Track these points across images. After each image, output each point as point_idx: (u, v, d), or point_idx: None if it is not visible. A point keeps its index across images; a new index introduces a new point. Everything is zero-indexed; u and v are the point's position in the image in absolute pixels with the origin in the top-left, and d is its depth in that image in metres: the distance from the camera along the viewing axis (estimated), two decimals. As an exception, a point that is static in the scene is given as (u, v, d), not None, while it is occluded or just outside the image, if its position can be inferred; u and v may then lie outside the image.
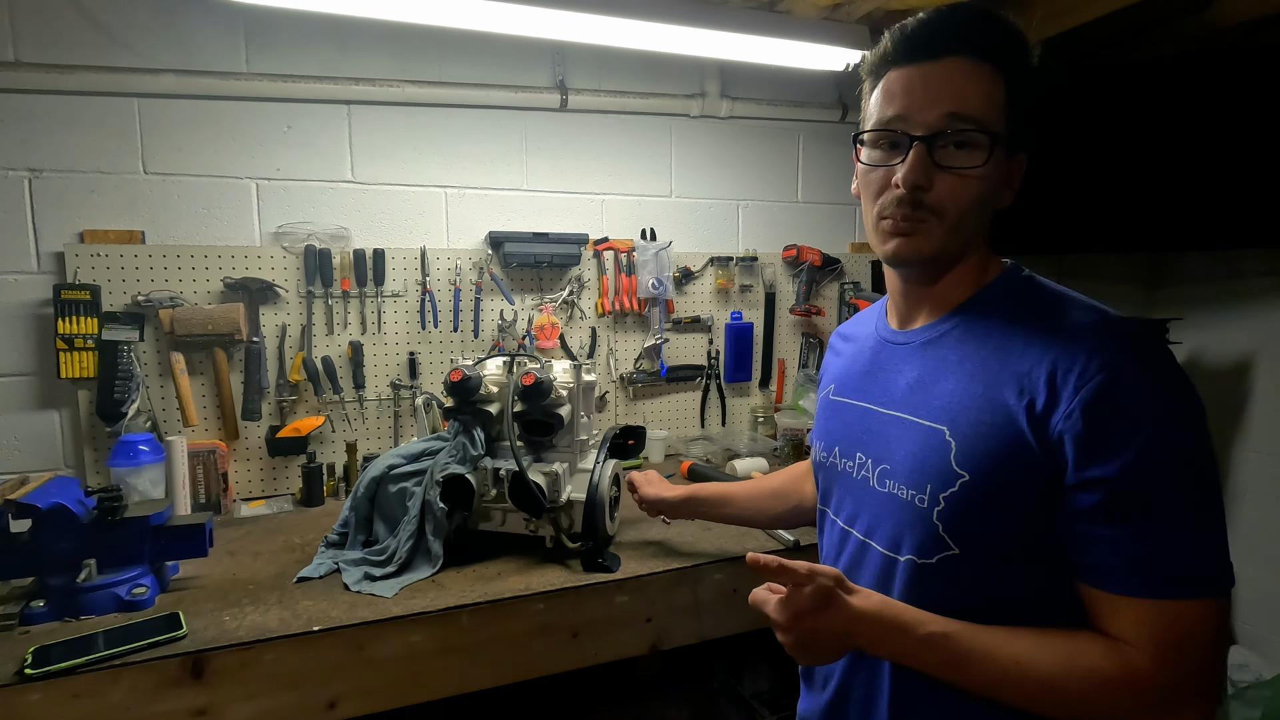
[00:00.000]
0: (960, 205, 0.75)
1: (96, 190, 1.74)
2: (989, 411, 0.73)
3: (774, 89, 2.37)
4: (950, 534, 0.74)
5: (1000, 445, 0.71)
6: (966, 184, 0.75)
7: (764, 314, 2.47)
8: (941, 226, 0.76)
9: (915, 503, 0.77)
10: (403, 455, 1.56)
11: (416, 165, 2.03)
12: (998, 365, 0.74)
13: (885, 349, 0.90)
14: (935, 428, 0.77)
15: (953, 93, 0.73)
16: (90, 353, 1.68)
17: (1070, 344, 0.70)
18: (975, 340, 0.78)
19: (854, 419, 0.90)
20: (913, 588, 0.78)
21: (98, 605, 1.22)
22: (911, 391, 0.82)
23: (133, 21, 1.73)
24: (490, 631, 1.29)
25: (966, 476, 0.73)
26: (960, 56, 0.73)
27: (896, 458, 0.81)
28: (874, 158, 0.80)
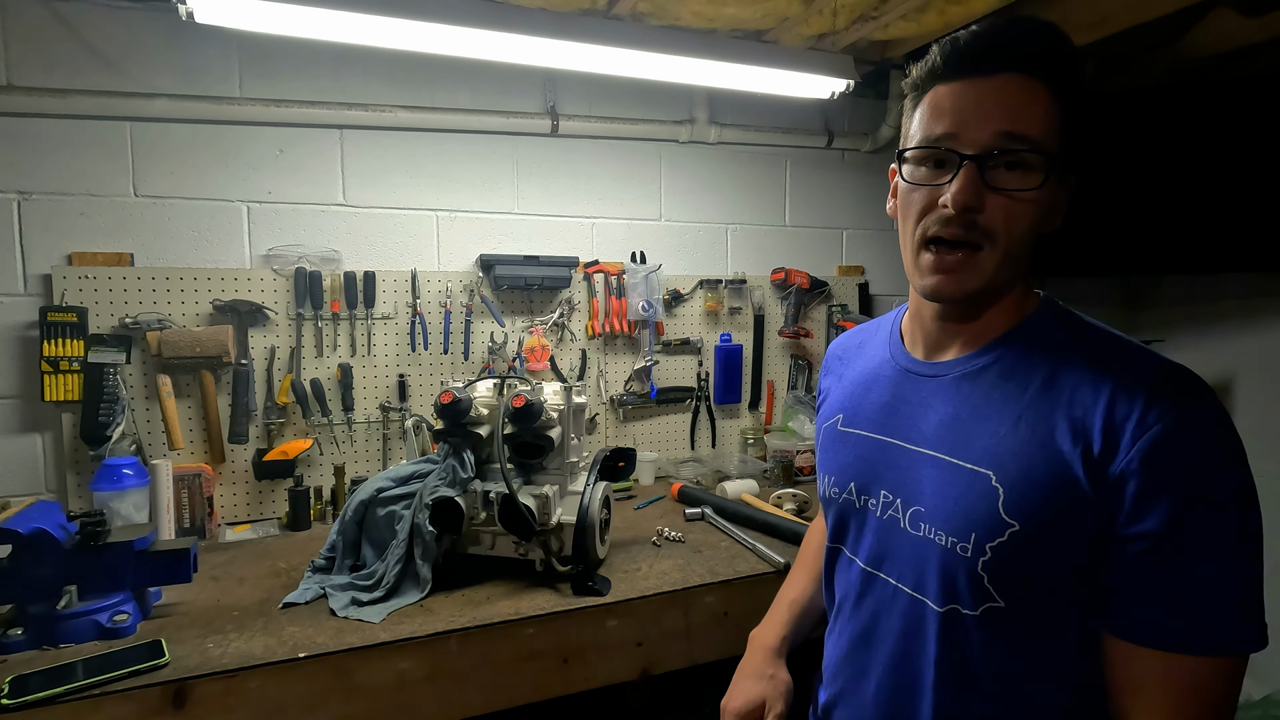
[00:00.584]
0: (1013, 230, 0.70)
1: (86, 213, 1.74)
2: (1041, 458, 0.68)
3: (761, 116, 2.42)
4: (995, 585, 0.70)
5: (1055, 494, 0.67)
6: (1020, 207, 0.70)
7: (753, 336, 2.49)
8: (994, 255, 0.71)
9: (957, 550, 0.72)
10: (391, 478, 1.54)
11: (408, 189, 2.05)
12: (1047, 407, 0.70)
13: (909, 380, 0.84)
14: (980, 471, 0.72)
15: (1008, 110, 0.68)
16: (75, 375, 1.66)
17: (1126, 388, 0.66)
18: (1019, 378, 0.73)
19: (871, 453, 0.85)
20: (951, 637, 0.74)
21: (78, 633, 1.19)
22: (947, 429, 0.77)
23: (127, 46, 1.74)
24: (479, 657, 1.27)
25: (1017, 526, 0.68)
26: (1016, 73, 0.69)
27: (932, 500, 0.76)
28: (918, 176, 0.74)
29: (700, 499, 1.96)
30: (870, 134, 2.55)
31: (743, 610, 1.50)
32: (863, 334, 1.00)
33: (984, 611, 0.71)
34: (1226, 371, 2.16)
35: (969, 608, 0.72)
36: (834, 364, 1.02)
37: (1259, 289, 2.09)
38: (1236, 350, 2.14)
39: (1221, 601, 0.63)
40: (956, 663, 0.74)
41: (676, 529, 1.77)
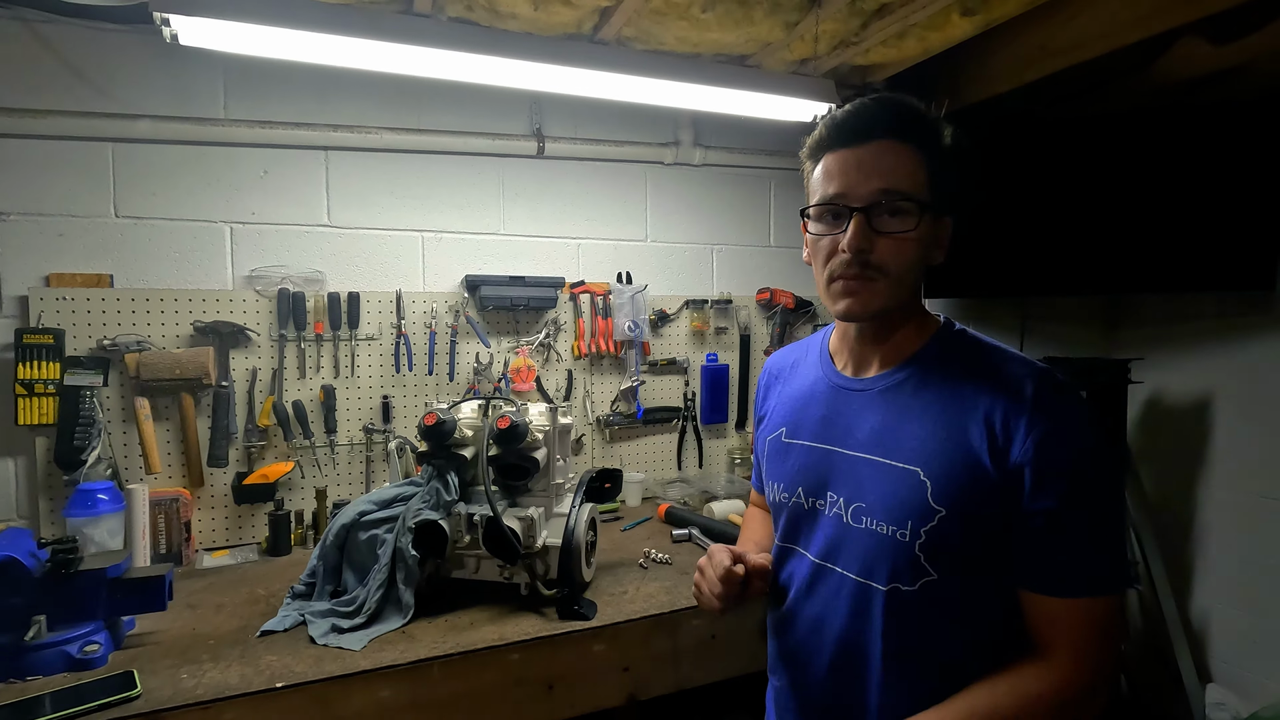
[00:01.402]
0: (900, 263, 0.87)
1: (66, 234, 1.72)
2: (957, 453, 0.83)
3: (746, 138, 2.45)
4: (929, 562, 0.84)
5: (970, 481, 0.82)
6: (903, 245, 0.86)
7: (739, 356, 2.49)
8: (887, 282, 0.87)
9: (897, 537, 0.86)
10: (374, 501, 1.52)
11: (394, 210, 2.04)
12: (957, 412, 0.85)
13: (841, 395, 0.97)
14: (910, 469, 0.86)
15: (883, 169, 0.85)
16: (51, 398, 1.63)
17: (1016, 392, 0.83)
18: (932, 389, 0.89)
19: (816, 461, 0.96)
20: (894, 614, 0.86)
21: (46, 665, 1.16)
22: (879, 435, 0.90)
23: (111, 68, 1.74)
24: (462, 684, 1.25)
25: (944, 511, 0.83)
26: (886, 139, 0.86)
27: (872, 497, 0.89)
28: (820, 228, 0.91)
29: (687, 520, 1.95)
30: (853, 156, 2.58)
31: (731, 633, 1.48)
32: (794, 354, 1.12)
33: (921, 586, 0.85)
34: (1205, 391, 2.19)
35: (909, 584, 0.85)
36: (773, 382, 1.13)
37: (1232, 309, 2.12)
38: (1213, 370, 2.17)
39: (1104, 556, 0.81)
40: (897, 633, 0.87)
41: (664, 550, 1.76)
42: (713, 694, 1.72)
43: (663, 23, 1.72)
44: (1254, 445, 2.08)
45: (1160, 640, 2.20)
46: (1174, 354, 2.27)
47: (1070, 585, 0.81)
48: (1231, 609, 2.14)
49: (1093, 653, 0.80)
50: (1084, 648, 0.80)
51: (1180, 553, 2.25)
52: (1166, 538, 2.24)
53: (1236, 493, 2.12)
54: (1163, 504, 2.28)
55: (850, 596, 0.90)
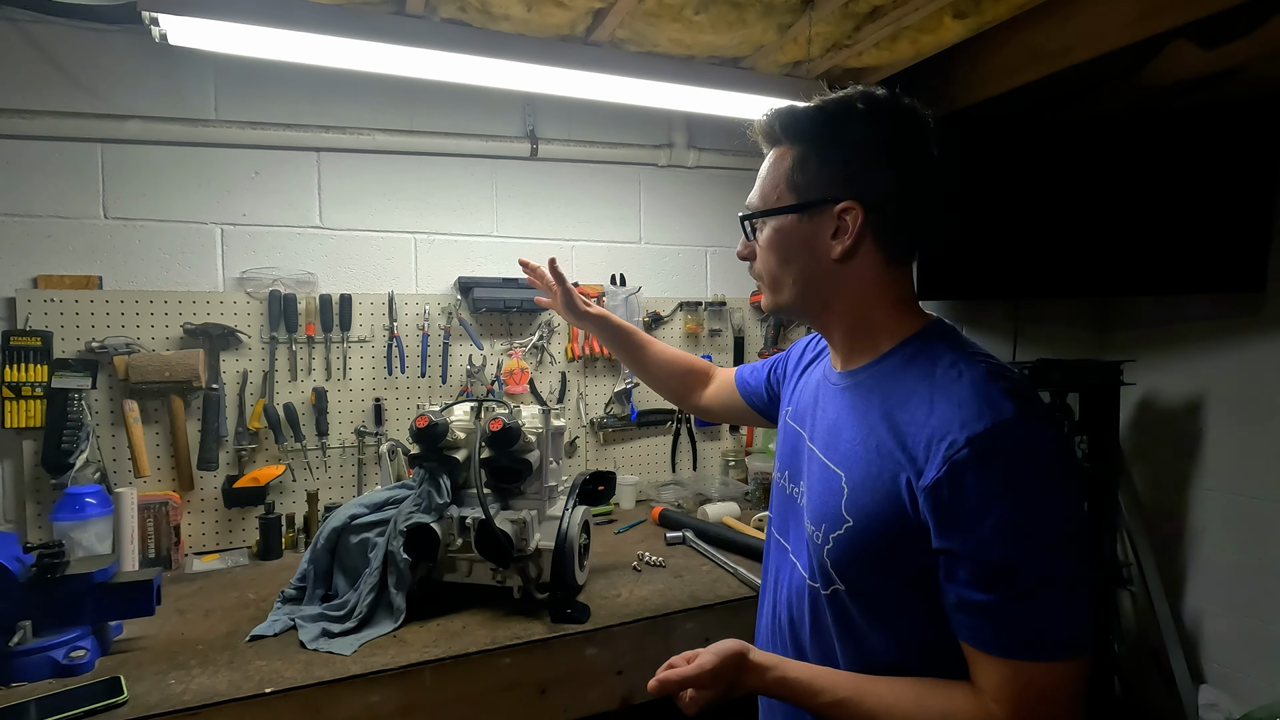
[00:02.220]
0: (767, 270, 0.90)
1: (54, 235, 1.71)
2: (877, 465, 0.77)
3: (739, 140, 2.43)
4: (836, 571, 0.81)
5: (881, 499, 0.76)
6: (761, 254, 0.90)
7: (733, 358, 2.49)
8: (764, 287, 0.92)
9: (814, 537, 0.84)
10: (366, 504, 1.51)
11: (386, 211, 2.03)
12: (891, 423, 0.78)
13: (823, 386, 0.96)
14: (836, 471, 0.83)
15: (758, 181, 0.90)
16: (38, 401, 1.61)
17: (949, 411, 0.72)
18: (879, 394, 0.82)
19: (799, 447, 0.96)
20: (818, 614, 0.85)
21: (31, 670, 1.14)
22: (828, 432, 0.89)
23: (100, 68, 1.73)
24: (454, 689, 1.24)
25: (851, 522, 0.79)
26: (771, 148, 0.90)
27: (811, 493, 0.89)
28: None
29: (681, 522, 1.94)
30: (846, 159, 2.59)
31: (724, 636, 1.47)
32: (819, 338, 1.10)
33: (833, 592, 0.82)
34: (1197, 392, 2.20)
35: (825, 588, 0.83)
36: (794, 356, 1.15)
37: (1223, 311, 2.13)
38: (1205, 371, 2.18)
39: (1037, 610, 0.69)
40: (820, 631, 0.85)
41: (657, 553, 1.75)
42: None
43: (656, 24, 1.72)
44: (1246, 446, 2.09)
45: (1153, 641, 2.20)
46: (1166, 356, 2.28)
47: (991, 640, 0.70)
48: (1224, 610, 2.14)
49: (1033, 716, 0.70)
50: (1022, 708, 0.69)
51: (1173, 554, 2.26)
52: (1159, 539, 2.25)
53: (1229, 494, 2.13)
54: (1155, 505, 2.29)
55: (798, 590, 0.90)
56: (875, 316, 0.86)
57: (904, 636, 0.79)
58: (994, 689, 0.71)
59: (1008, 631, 0.69)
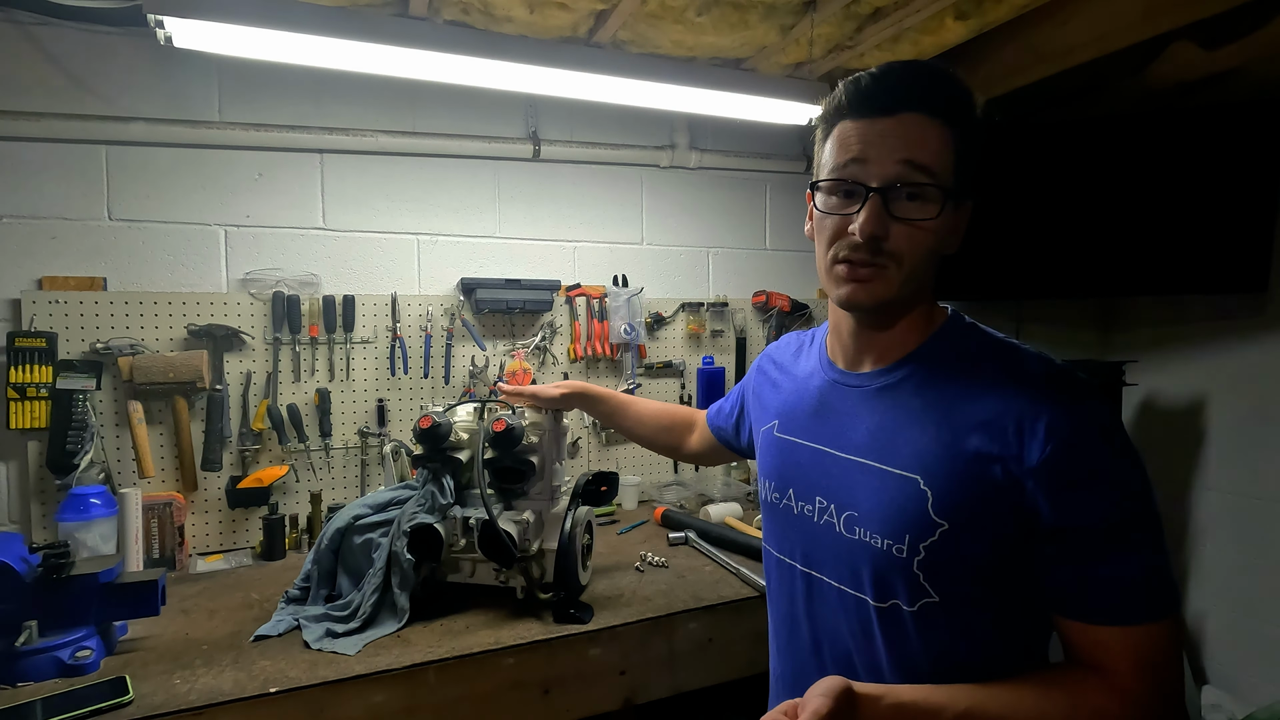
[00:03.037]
0: (915, 254, 0.78)
1: (59, 237, 1.71)
2: (962, 460, 0.74)
3: (741, 141, 2.45)
4: (930, 582, 0.75)
5: (977, 493, 0.73)
6: (921, 234, 0.77)
7: (735, 359, 2.49)
8: (899, 272, 0.78)
9: (893, 552, 0.77)
10: (369, 505, 1.52)
11: (389, 213, 2.04)
12: (962, 414, 0.76)
13: (836, 390, 0.89)
14: (908, 476, 0.77)
15: (908, 146, 0.75)
16: (43, 402, 1.62)
17: (1032, 394, 0.73)
18: (935, 388, 0.79)
19: (806, 460, 0.89)
20: (894, 633, 0.78)
21: (37, 670, 1.15)
22: (874, 438, 0.82)
23: (105, 70, 1.73)
24: (458, 689, 1.24)
25: (946, 526, 0.74)
26: (914, 112, 0.75)
27: (866, 505, 0.81)
28: (830, 205, 0.81)
29: (684, 523, 1.95)
30: (848, 160, 2.59)
31: (727, 636, 1.48)
32: (799, 340, 1.05)
33: (921, 607, 0.76)
34: (1198, 393, 2.20)
35: (909, 604, 0.77)
36: (770, 367, 1.07)
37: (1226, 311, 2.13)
38: (1207, 372, 2.18)
39: (1147, 577, 0.71)
40: (902, 651, 0.78)
41: (660, 554, 1.76)
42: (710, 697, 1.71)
43: (658, 26, 1.73)
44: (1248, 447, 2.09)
45: (1156, 642, 2.20)
46: (1168, 356, 2.28)
47: (1121, 612, 0.71)
48: (1227, 610, 2.14)
49: (1163, 681, 0.71)
50: (1152, 675, 0.70)
51: (1176, 554, 2.25)
52: (1161, 539, 2.24)
53: (1231, 494, 2.13)
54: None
55: (851, 613, 0.82)
56: (926, 311, 0.85)
57: (989, 640, 0.77)
58: (1118, 658, 0.71)
59: (1131, 597, 0.71)
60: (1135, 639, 0.71)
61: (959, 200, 0.79)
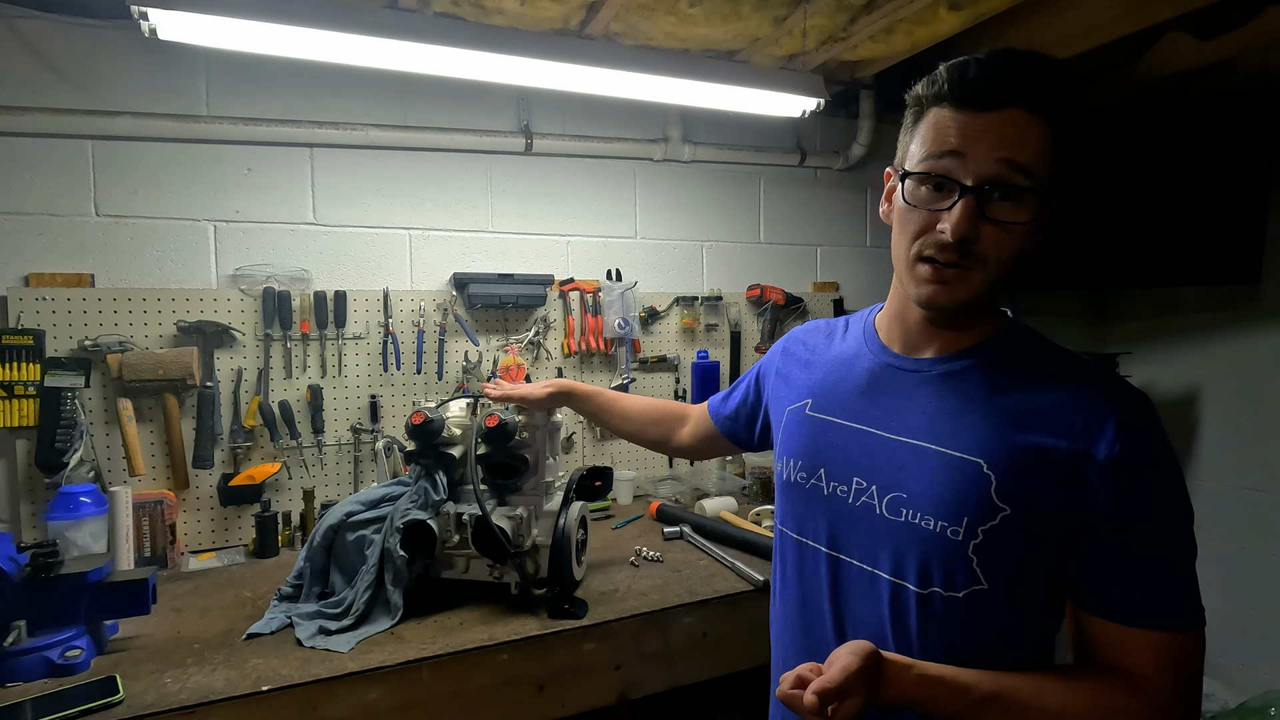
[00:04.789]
0: (1002, 256, 0.76)
1: (45, 233, 1.69)
2: (1030, 450, 0.75)
3: (735, 134, 2.44)
4: (983, 568, 0.76)
5: (1042, 481, 0.74)
6: (1011, 236, 0.75)
7: (730, 353, 2.49)
8: (984, 274, 0.76)
9: (947, 534, 0.76)
10: (362, 502, 1.51)
11: (380, 207, 2.02)
12: (1028, 404, 0.77)
13: (888, 373, 0.88)
14: (971, 460, 0.77)
15: (1008, 145, 0.72)
16: (31, 400, 1.60)
17: (1101, 394, 0.76)
18: (1002, 379, 0.80)
19: (847, 441, 0.87)
20: (933, 620, 0.78)
21: (26, 670, 1.14)
22: (934, 421, 0.81)
23: (90, 64, 1.71)
24: (452, 685, 1.24)
25: (1008, 510, 0.75)
26: (1018, 108, 0.72)
27: (918, 487, 0.79)
28: (919, 197, 0.78)
29: (679, 517, 1.94)
30: (842, 152, 2.59)
31: (722, 630, 1.48)
32: (829, 326, 1.03)
33: (968, 594, 0.76)
34: (1191, 384, 2.21)
35: (954, 590, 0.77)
36: (798, 348, 1.05)
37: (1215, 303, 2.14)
38: (1200, 363, 2.19)
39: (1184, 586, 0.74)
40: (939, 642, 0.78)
41: (655, 548, 1.75)
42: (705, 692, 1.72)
43: (650, 18, 1.71)
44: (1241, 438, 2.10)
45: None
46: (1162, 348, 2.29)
47: (1156, 614, 0.73)
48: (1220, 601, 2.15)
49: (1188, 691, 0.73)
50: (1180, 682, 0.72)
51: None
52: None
53: (1223, 485, 2.14)
54: (1151, 497, 2.30)
55: (884, 598, 0.81)
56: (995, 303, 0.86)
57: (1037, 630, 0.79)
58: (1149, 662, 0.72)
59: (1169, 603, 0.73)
60: (1166, 644, 0.72)
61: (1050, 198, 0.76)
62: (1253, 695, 1.85)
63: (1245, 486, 2.08)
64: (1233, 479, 2.11)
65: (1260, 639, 2.05)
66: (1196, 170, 1.97)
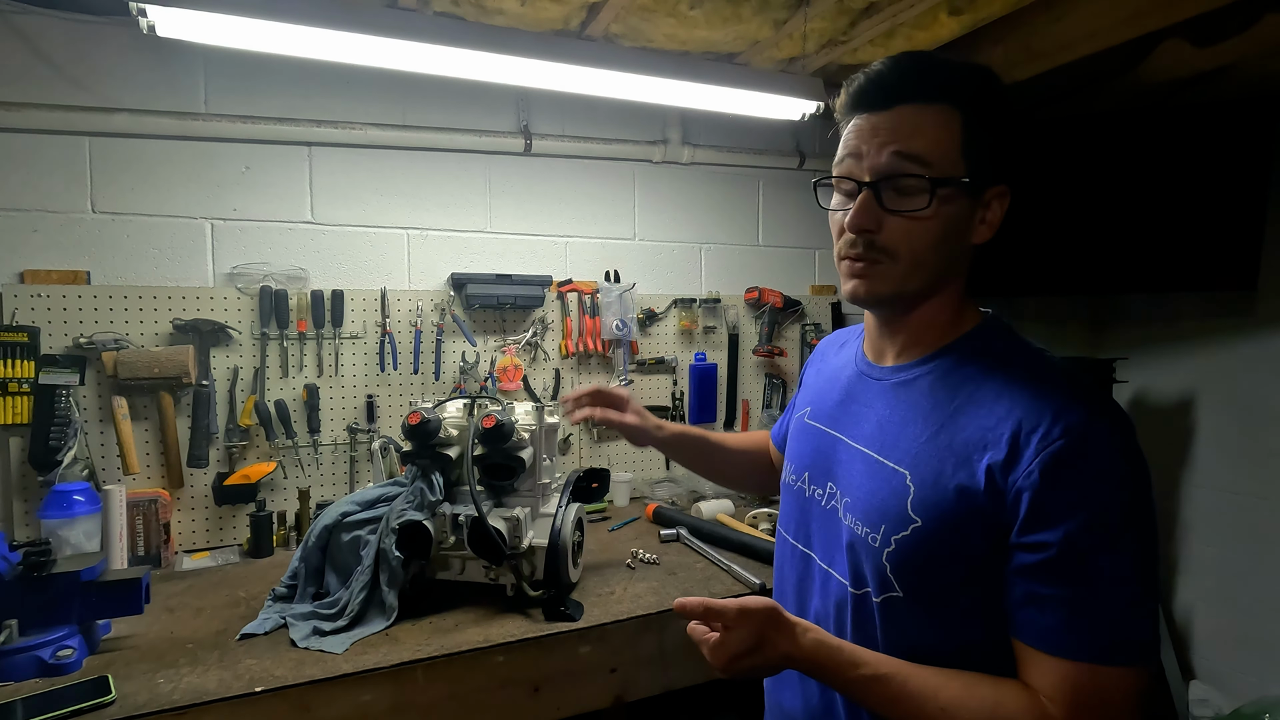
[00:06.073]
0: (913, 246, 0.77)
1: (40, 229, 1.68)
2: (951, 462, 0.74)
3: (734, 137, 2.44)
4: (896, 575, 0.76)
5: (954, 497, 0.73)
6: (917, 226, 0.76)
7: (727, 355, 2.49)
8: (896, 268, 0.78)
9: (869, 540, 0.79)
10: (357, 502, 1.50)
11: (378, 207, 2.02)
12: (967, 418, 0.75)
13: (860, 381, 0.90)
14: (898, 470, 0.78)
15: (898, 137, 0.75)
16: (25, 398, 1.59)
17: (1037, 403, 0.71)
18: (948, 390, 0.79)
19: (826, 446, 0.91)
20: (863, 621, 0.80)
21: (18, 670, 1.13)
22: (881, 430, 0.83)
23: (87, 60, 1.70)
24: (447, 687, 1.23)
25: (919, 522, 0.75)
26: (908, 104, 0.76)
27: (859, 493, 0.82)
28: (834, 202, 0.84)
29: (675, 520, 1.94)
30: (841, 156, 2.58)
31: (718, 633, 1.47)
32: (847, 334, 1.06)
33: (884, 600, 0.78)
34: (1188, 390, 2.21)
35: (876, 594, 0.78)
36: (817, 358, 1.10)
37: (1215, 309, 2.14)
38: (1196, 369, 2.19)
39: (1110, 618, 0.67)
40: (866, 640, 0.79)
41: (651, 551, 1.75)
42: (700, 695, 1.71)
43: (651, 19, 1.71)
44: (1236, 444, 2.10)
45: (1144, 638, 2.21)
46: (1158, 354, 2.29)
47: (1065, 642, 0.68)
48: (1214, 606, 2.16)
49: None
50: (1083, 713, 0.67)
51: (1163, 551, 2.27)
52: (1150, 536, 2.26)
53: (1219, 491, 2.14)
54: (1146, 502, 2.30)
55: (834, 596, 0.84)
56: (951, 306, 0.83)
57: (960, 639, 0.76)
58: (1052, 689, 0.68)
59: (1078, 630, 0.68)
60: (1077, 676, 0.67)
61: (975, 186, 0.77)
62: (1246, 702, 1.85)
63: (1239, 492, 2.08)
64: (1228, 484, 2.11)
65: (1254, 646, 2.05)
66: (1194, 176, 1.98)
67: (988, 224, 0.80)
